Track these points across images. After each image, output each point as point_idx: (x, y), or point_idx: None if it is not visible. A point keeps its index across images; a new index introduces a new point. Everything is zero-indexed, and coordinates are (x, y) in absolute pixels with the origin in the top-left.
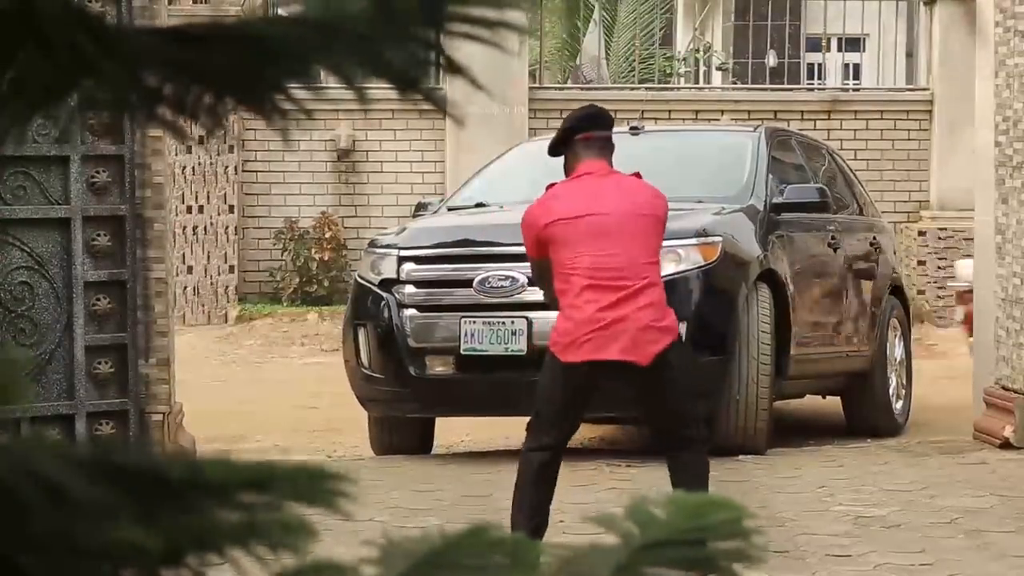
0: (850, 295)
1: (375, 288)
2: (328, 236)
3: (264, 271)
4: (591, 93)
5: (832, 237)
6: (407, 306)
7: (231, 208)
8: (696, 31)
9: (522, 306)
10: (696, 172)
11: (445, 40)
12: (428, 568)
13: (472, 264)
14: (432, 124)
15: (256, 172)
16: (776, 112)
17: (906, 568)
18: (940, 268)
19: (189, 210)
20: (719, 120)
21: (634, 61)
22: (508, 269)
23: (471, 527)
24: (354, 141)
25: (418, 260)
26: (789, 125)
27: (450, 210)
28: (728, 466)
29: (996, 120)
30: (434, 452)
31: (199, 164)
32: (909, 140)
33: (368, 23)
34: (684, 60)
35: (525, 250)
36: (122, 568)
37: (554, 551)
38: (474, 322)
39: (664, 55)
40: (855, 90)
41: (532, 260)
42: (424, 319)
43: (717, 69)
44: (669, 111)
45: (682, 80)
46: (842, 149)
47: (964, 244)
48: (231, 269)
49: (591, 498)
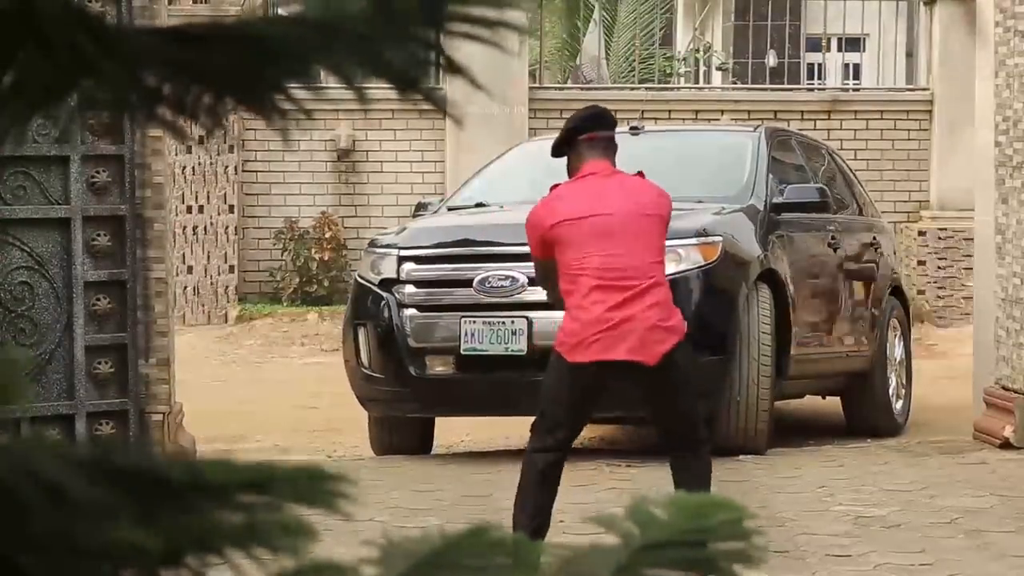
0: (850, 295)
1: (375, 288)
2: (328, 236)
3: (264, 271)
4: (591, 93)
5: (832, 237)
6: (407, 306)
7: (231, 208)
8: (696, 31)
9: (522, 306)
10: (696, 172)
11: (445, 40)
12: (428, 568)
13: (472, 264)
14: (432, 124)
15: (256, 172)
16: (776, 112)
17: (906, 568)
18: (940, 268)
19: (189, 210)
20: (719, 120)
21: (634, 61)
22: (508, 269)
23: (471, 527)
24: (354, 141)
25: (418, 260)
26: (789, 125)
27: (450, 210)
28: (728, 466)
29: (996, 120)
30: (434, 452)
31: (199, 164)
32: (909, 140)
33: (368, 23)
34: (684, 60)
35: (529, 250)
36: (122, 568)
37: (555, 551)
38: (474, 322)
39: (664, 55)
40: (855, 90)
41: (536, 261)
42: (424, 319)
43: (717, 69)
44: (669, 111)
45: (682, 80)
46: (842, 149)
47: (964, 244)
48: (231, 269)
49: (591, 498)
